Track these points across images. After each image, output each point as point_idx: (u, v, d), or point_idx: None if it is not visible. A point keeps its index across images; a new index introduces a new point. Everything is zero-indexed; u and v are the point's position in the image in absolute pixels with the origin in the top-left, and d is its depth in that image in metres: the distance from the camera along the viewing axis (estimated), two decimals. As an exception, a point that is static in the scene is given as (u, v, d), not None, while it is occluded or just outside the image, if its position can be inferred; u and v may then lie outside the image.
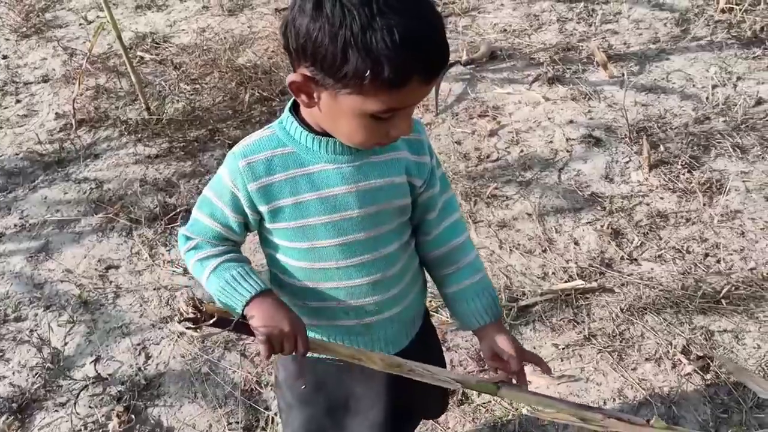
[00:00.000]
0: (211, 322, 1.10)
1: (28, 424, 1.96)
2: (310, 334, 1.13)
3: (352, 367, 1.16)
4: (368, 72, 0.86)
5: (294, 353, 1.08)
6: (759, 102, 2.80)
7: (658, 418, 1.56)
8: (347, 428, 1.32)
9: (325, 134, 1.05)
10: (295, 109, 1.08)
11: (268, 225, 1.12)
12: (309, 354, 1.10)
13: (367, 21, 0.84)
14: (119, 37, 2.90)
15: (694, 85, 2.95)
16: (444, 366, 1.48)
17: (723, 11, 3.35)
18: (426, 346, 1.37)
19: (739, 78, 2.95)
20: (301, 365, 1.27)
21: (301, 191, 1.07)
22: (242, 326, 1.11)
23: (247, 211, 1.10)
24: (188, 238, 1.15)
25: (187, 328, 1.12)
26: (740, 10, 3.29)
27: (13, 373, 2.11)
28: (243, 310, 1.08)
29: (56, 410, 1.99)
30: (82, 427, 1.93)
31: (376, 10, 0.84)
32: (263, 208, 1.09)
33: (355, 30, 0.84)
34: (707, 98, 2.86)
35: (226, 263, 1.11)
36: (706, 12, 3.38)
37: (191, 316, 1.10)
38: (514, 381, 1.21)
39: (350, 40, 0.85)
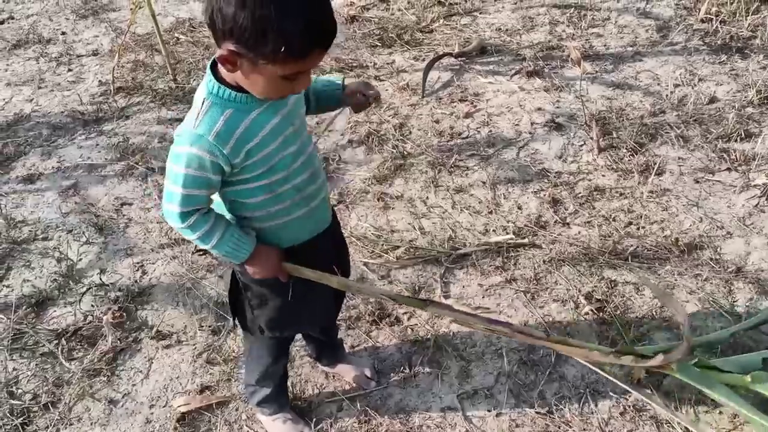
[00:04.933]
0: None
1: (42, 315, 2.41)
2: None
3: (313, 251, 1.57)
4: (283, 49, 1.20)
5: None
6: (712, 100, 3.07)
7: (554, 334, 1.91)
8: (311, 306, 1.69)
9: (245, 90, 1.38)
10: (214, 75, 1.35)
11: (237, 169, 1.38)
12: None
13: (280, 11, 1.17)
14: (153, 17, 3.37)
15: (658, 84, 3.24)
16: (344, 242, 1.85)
17: (702, 21, 3.62)
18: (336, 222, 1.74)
19: (700, 79, 3.23)
20: None
21: (256, 132, 1.38)
22: None
23: (226, 168, 1.36)
24: (186, 215, 1.38)
25: (200, 255, 1.55)
26: (717, 20, 3.56)
27: (35, 278, 2.56)
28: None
29: (65, 306, 2.43)
30: (83, 318, 2.37)
31: (287, 2, 1.17)
32: (238, 159, 1.35)
33: (273, 18, 1.17)
34: (667, 95, 3.14)
35: (222, 236, 1.43)
36: (687, 21, 3.65)
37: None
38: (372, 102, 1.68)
39: (269, 26, 1.18)
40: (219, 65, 1.32)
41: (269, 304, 1.67)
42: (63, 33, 4.27)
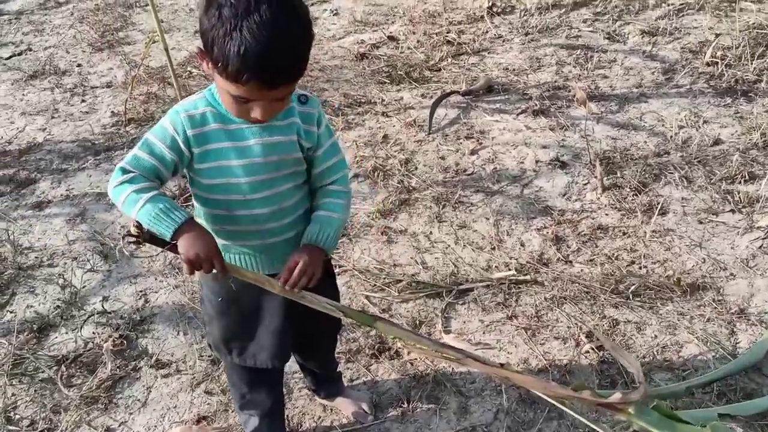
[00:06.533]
0: (149, 240, 1.44)
1: (43, 341, 2.42)
2: (227, 257, 1.53)
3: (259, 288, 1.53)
4: (219, 64, 1.26)
5: (213, 271, 1.43)
6: (716, 142, 3.09)
7: (510, 364, 1.88)
8: (256, 335, 1.69)
9: None
10: None
11: (196, 165, 1.46)
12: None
13: (229, 30, 1.23)
14: (167, 51, 3.43)
15: (663, 125, 3.26)
16: (337, 292, 1.83)
17: (708, 64, 3.65)
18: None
19: (705, 121, 3.25)
20: (219, 283, 1.62)
21: (223, 140, 1.44)
22: (172, 247, 1.44)
23: (183, 148, 1.42)
24: (126, 171, 1.41)
25: (130, 242, 1.46)
26: (723, 64, 3.59)
27: (39, 304, 2.58)
28: (172, 235, 1.39)
29: (66, 333, 2.44)
30: (83, 345, 2.37)
31: (240, 27, 1.23)
32: (196, 150, 1.43)
33: (220, 34, 1.24)
34: (671, 137, 3.16)
35: (159, 196, 1.40)
36: (693, 64, 3.69)
37: (135, 233, 1.43)
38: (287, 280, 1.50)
39: (215, 39, 1.25)
40: None
41: (213, 323, 1.71)
42: (78, 65, 4.37)
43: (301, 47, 1.32)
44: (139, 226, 1.43)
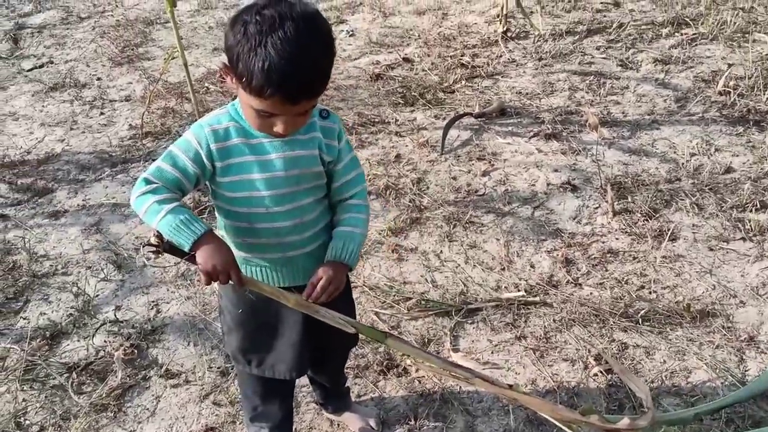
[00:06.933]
0: (168, 250, 1.45)
1: (55, 348, 2.45)
2: (248, 269, 1.56)
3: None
4: (243, 79, 1.31)
5: (230, 283, 1.46)
6: (728, 170, 3.10)
7: (518, 385, 1.89)
8: (274, 347, 1.72)
9: None
10: None
11: (219, 179, 1.48)
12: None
13: (253, 46, 1.28)
14: (185, 67, 3.50)
15: (675, 152, 3.28)
16: (352, 306, 1.85)
17: (720, 93, 3.68)
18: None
19: (717, 149, 3.26)
20: (238, 294, 1.65)
21: (245, 154, 1.48)
22: (191, 258, 1.46)
23: (205, 161, 1.45)
24: (149, 182, 1.44)
25: (150, 251, 1.46)
26: (735, 93, 3.62)
27: (52, 311, 2.61)
28: (191, 246, 1.41)
29: (78, 341, 2.47)
30: (95, 353, 2.40)
31: (265, 43, 1.27)
32: (219, 164, 1.46)
33: (245, 50, 1.29)
34: (683, 164, 3.18)
35: (180, 208, 1.42)
36: (705, 93, 3.72)
37: (155, 243, 1.45)
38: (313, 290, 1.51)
39: (240, 54, 1.30)
40: None
41: (232, 333, 1.73)
42: (98, 78, 4.44)
43: (324, 63, 1.36)
44: (158, 236, 1.46)
